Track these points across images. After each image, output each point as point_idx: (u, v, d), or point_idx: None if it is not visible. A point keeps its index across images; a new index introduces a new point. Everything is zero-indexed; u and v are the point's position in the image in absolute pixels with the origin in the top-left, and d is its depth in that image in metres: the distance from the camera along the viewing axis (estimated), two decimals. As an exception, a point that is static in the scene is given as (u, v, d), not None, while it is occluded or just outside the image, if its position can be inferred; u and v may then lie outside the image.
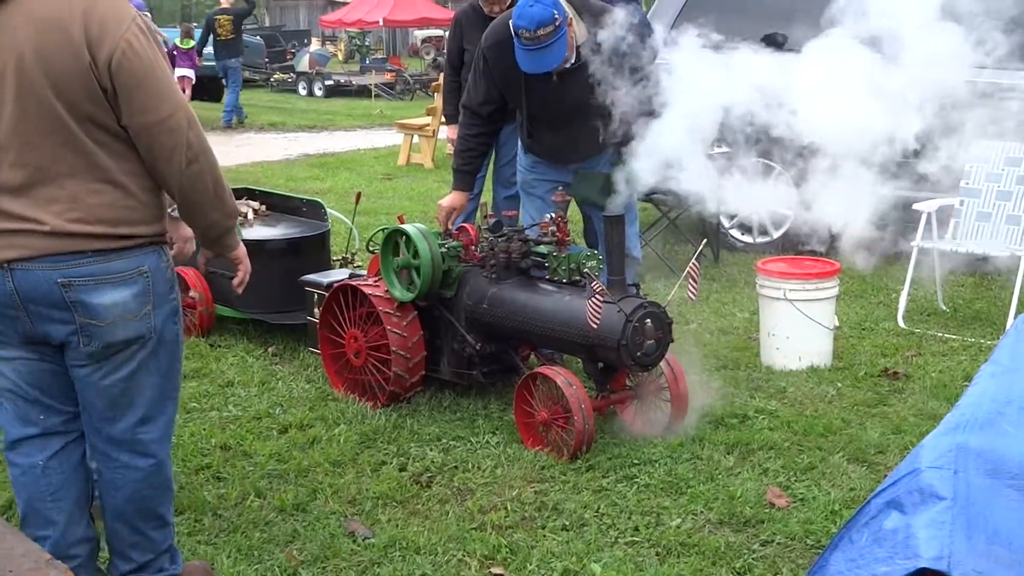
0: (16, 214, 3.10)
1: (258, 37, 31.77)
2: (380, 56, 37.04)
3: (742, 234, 8.95)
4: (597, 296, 4.68)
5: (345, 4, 40.52)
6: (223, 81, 23.37)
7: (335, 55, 38.24)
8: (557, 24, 5.19)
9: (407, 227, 5.35)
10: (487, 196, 8.02)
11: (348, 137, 18.86)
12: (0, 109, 3.05)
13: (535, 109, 5.69)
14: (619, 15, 5.61)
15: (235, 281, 3.62)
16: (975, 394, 2.73)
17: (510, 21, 5.35)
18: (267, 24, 43.39)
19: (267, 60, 32.11)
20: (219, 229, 3.37)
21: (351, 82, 30.15)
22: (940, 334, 6.55)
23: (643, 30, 6.21)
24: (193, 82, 22.09)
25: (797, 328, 5.86)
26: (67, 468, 3.42)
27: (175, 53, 21.70)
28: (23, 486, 3.42)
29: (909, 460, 2.53)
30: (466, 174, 5.82)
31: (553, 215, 5.26)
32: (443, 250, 5.37)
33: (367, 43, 41.18)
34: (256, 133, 19.29)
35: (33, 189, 3.09)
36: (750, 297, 7.04)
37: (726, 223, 8.93)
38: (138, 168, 3.16)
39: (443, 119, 8.52)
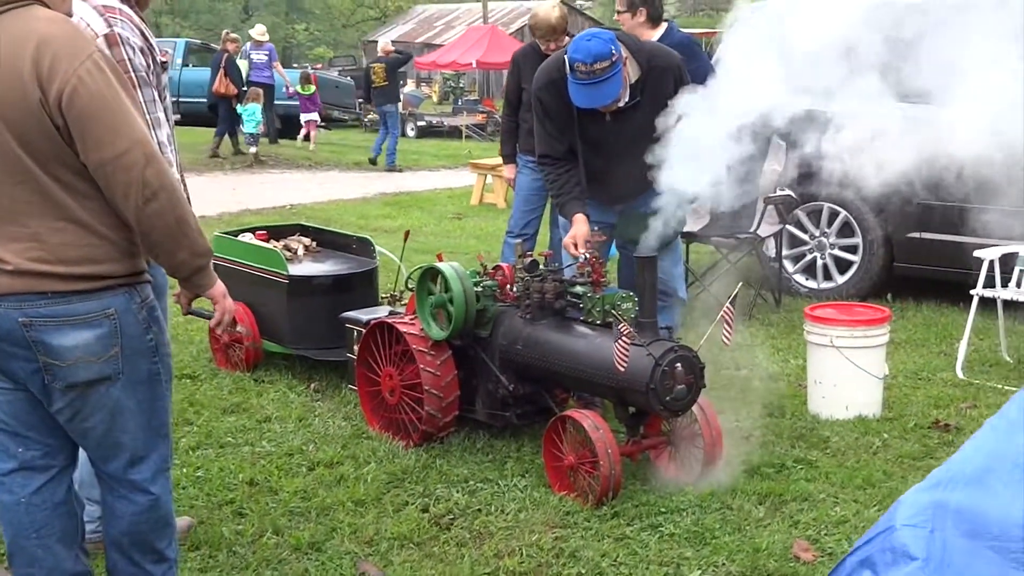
0: None
1: (348, 78, 32.22)
2: (473, 98, 37.36)
3: (806, 279, 8.74)
4: (624, 339, 4.58)
5: (440, 47, 41.02)
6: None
7: (429, 96, 38.64)
8: (613, 60, 5.16)
9: (442, 265, 5.31)
10: (543, 235, 8.00)
11: (429, 177, 19.03)
12: None
13: (587, 149, 5.63)
14: (672, 56, 5.56)
15: (212, 322, 3.52)
16: (970, 448, 2.57)
17: (564, 57, 5.33)
18: (364, 65, 43.97)
19: (360, 100, 32.55)
20: (188, 269, 3.28)
21: (443, 123, 30.46)
22: (1000, 386, 6.30)
23: (697, 70, 6.11)
24: (319, 124, 22.81)
25: (844, 376, 5.68)
26: (50, 505, 3.38)
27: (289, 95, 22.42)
28: (8, 523, 3.40)
29: (886, 517, 2.39)
30: (573, 199, 5.63)
31: (588, 256, 5.18)
32: (478, 289, 5.31)
33: (461, 85, 41.60)
34: (341, 172, 19.53)
35: None
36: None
37: (790, 268, 8.74)
38: (104, 206, 3.10)
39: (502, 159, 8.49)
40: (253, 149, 19.59)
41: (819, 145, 5.09)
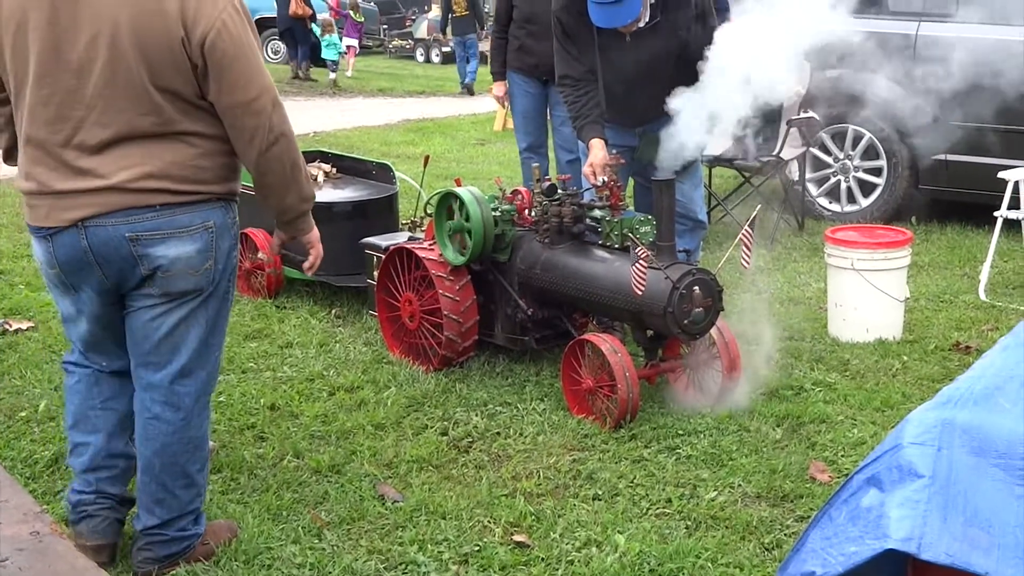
0: (91, 171, 3.21)
1: (372, 4, 31.89)
2: (500, 23, 36.92)
3: (829, 202, 8.67)
4: (641, 262, 4.57)
5: (466, -30, 40.56)
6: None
7: (455, 20, 38.22)
8: None
9: (460, 190, 5.29)
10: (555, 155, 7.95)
11: (453, 103, 18.91)
12: (90, 70, 3.14)
13: (606, 70, 5.57)
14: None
15: (305, 265, 3.70)
16: (980, 367, 2.56)
17: None
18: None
19: (385, 27, 32.29)
20: (294, 212, 3.47)
21: (469, 48, 30.13)
22: (1022, 308, 6.26)
23: None
24: (357, 51, 23.44)
25: (865, 299, 5.66)
26: (118, 384, 3.59)
27: (343, 18, 22.66)
28: (76, 392, 3.59)
29: (893, 435, 2.39)
30: (591, 123, 5.50)
31: (606, 179, 5.16)
32: (496, 214, 5.30)
33: (487, 10, 41.17)
34: (365, 99, 19.44)
35: (111, 149, 3.20)
36: (828, 267, 6.82)
37: (813, 191, 8.67)
38: (213, 132, 3.26)
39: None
40: (332, 75, 20.59)
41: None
